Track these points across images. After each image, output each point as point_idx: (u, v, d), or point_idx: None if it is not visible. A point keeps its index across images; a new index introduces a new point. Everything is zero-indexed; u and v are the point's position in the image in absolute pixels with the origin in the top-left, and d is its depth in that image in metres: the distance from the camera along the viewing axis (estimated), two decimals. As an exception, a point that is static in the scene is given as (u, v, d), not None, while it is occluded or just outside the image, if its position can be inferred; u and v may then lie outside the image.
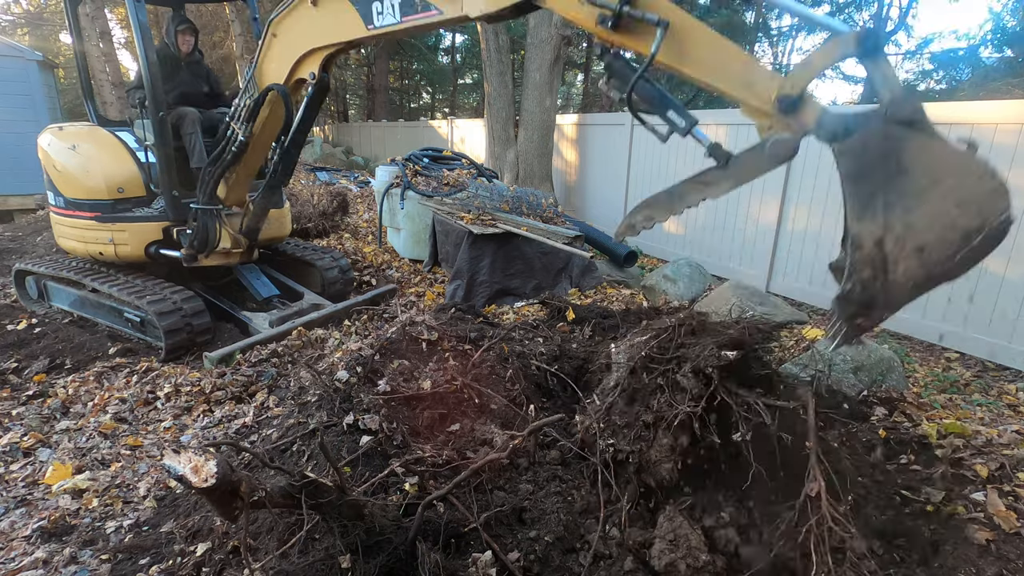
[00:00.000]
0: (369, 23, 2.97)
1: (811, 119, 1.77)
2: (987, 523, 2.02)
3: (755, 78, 1.87)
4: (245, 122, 3.82)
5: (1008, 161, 4.35)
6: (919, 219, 1.58)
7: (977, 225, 1.57)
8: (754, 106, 1.89)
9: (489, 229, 5.51)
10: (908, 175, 1.58)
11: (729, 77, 1.93)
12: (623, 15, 1.99)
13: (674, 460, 2.20)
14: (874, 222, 1.61)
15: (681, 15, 1.99)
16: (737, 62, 1.91)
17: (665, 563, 2.00)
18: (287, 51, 3.49)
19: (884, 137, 1.60)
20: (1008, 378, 4.31)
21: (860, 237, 1.63)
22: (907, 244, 1.60)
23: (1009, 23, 16.91)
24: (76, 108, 17.85)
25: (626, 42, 2.10)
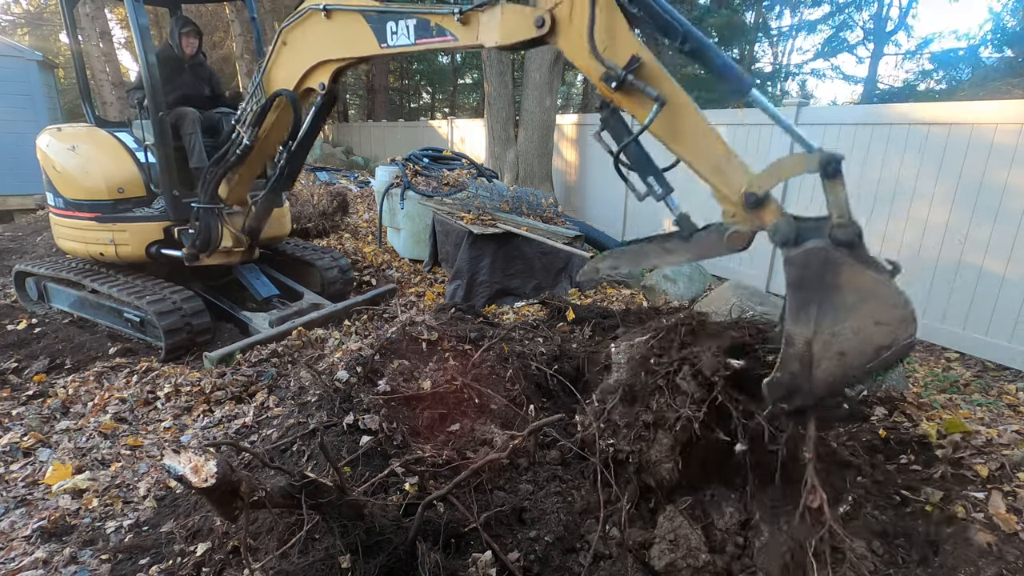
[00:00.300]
0: (383, 41, 2.95)
1: (769, 220, 2.01)
2: (987, 523, 2.02)
3: (729, 170, 2.09)
4: (251, 127, 3.81)
5: (1008, 161, 4.35)
6: (843, 330, 1.88)
7: (888, 343, 1.87)
8: (724, 194, 2.10)
9: (489, 229, 5.51)
10: (840, 292, 1.86)
11: (708, 164, 2.12)
12: (626, 81, 2.11)
13: (674, 460, 2.20)
14: (807, 326, 1.89)
15: (679, 96, 2.13)
16: (717, 153, 2.11)
17: (665, 563, 2.00)
18: (297, 60, 3.46)
19: (825, 257, 1.86)
20: (1008, 378, 4.31)
21: (793, 336, 1.92)
22: (831, 349, 1.90)
23: (1009, 23, 16.91)
24: (76, 108, 17.82)
25: (624, 103, 2.23)
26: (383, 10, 2.91)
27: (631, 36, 2.17)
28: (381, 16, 2.91)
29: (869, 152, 5.30)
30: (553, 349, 3.27)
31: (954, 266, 4.75)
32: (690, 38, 2.10)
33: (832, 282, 1.87)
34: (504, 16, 2.45)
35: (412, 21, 2.80)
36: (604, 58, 2.15)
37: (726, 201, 2.12)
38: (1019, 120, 4.28)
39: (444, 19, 2.67)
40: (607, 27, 2.17)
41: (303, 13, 3.27)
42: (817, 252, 1.87)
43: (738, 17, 19.48)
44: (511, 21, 2.44)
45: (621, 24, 2.17)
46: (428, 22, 2.73)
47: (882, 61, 20.73)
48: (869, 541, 2.04)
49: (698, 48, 2.12)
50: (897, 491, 2.28)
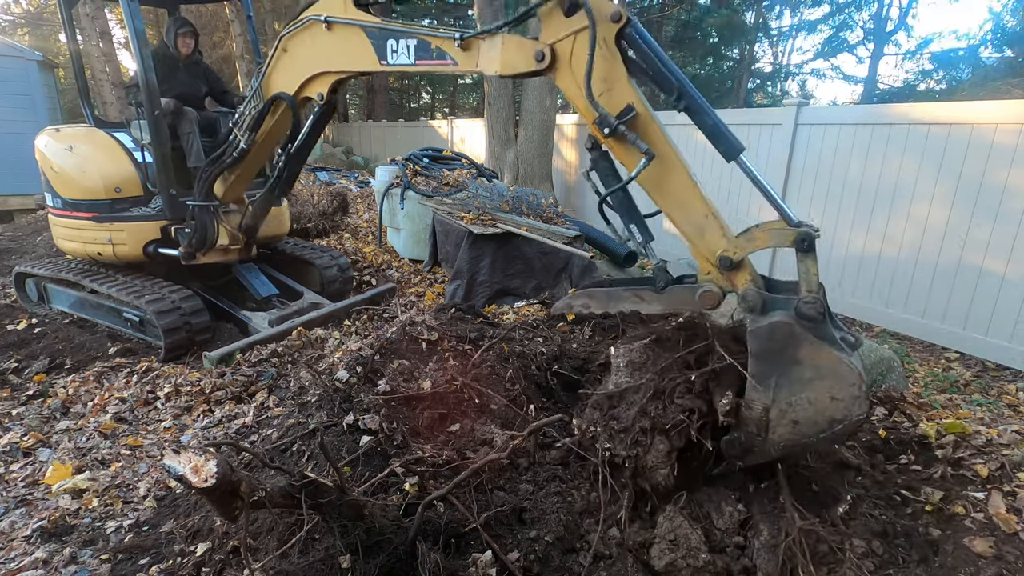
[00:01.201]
0: (383, 58, 2.93)
1: (741, 284, 2.09)
2: (987, 523, 2.02)
3: (709, 231, 2.14)
4: (248, 130, 3.81)
5: (1008, 161, 4.35)
6: (799, 401, 1.97)
7: (841, 417, 1.95)
8: (700, 252, 2.18)
9: (489, 229, 5.51)
10: (799, 366, 1.95)
11: (689, 222, 2.18)
12: (618, 129, 2.13)
13: (670, 466, 2.21)
14: (765, 395, 1.99)
15: (669, 152, 2.16)
16: (700, 212, 2.16)
17: (665, 563, 2.00)
18: (297, 69, 3.44)
19: (788, 332, 1.94)
20: (1008, 378, 4.31)
21: (751, 402, 2.01)
22: (786, 417, 1.99)
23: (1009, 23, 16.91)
24: (76, 108, 17.80)
25: (614, 150, 2.26)
26: (385, 27, 2.88)
27: (629, 85, 2.18)
28: (383, 33, 2.89)
29: (869, 152, 5.30)
30: (553, 349, 3.27)
31: (954, 266, 4.75)
32: (685, 96, 2.13)
33: (793, 356, 1.95)
34: (505, 46, 2.44)
35: (413, 41, 2.77)
36: (598, 104, 2.16)
37: (701, 259, 2.19)
38: (1019, 120, 4.28)
39: (445, 43, 2.65)
40: (605, 73, 2.18)
41: (304, 22, 3.23)
42: (781, 326, 1.95)
43: (738, 17, 19.48)
44: (511, 52, 2.43)
45: (620, 72, 2.17)
46: (429, 44, 2.72)
47: (882, 61, 20.75)
48: (869, 541, 2.04)
49: (692, 106, 2.15)
50: (897, 491, 2.28)
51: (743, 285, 2.07)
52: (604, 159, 2.37)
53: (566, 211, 8.39)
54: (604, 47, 2.14)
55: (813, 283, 1.98)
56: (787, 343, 1.94)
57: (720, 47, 21.06)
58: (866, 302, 5.45)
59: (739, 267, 2.08)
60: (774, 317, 1.97)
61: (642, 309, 2.34)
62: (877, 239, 5.30)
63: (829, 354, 1.92)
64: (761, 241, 2.07)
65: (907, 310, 5.13)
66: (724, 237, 2.10)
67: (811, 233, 1.97)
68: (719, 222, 2.12)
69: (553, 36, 2.28)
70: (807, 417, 1.97)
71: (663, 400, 2.24)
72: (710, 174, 6.60)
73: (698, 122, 2.16)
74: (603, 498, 2.20)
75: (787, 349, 1.94)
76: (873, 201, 5.32)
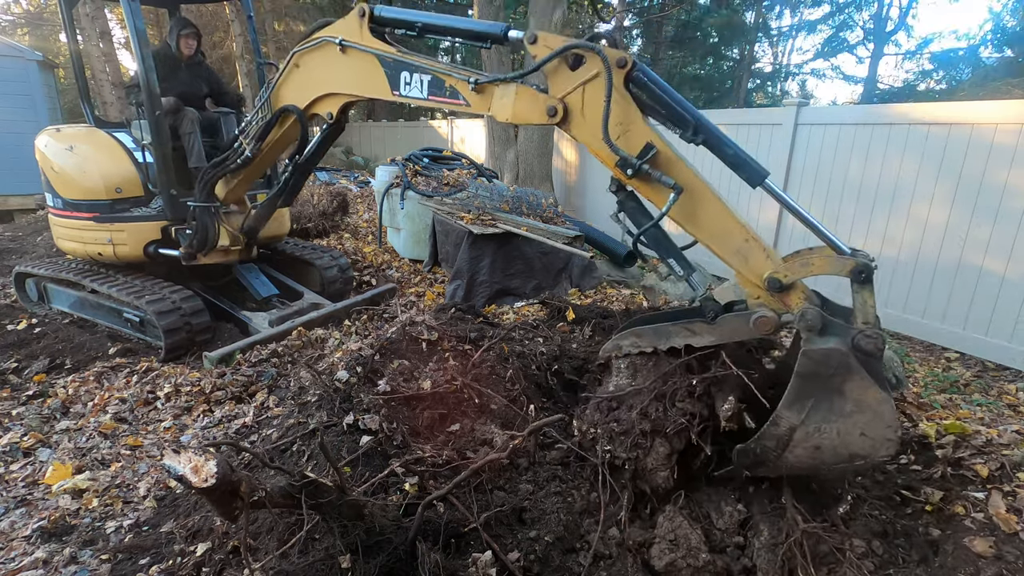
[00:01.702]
0: (395, 89, 2.89)
1: (795, 304, 2.04)
2: (987, 523, 2.02)
3: (752, 255, 2.10)
4: (255, 140, 3.80)
5: (1008, 161, 4.35)
6: (829, 430, 1.95)
7: (865, 454, 1.95)
8: (746, 278, 2.12)
9: (489, 229, 5.51)
10: (841, 397, 1.92)
11: (729, 248, 2.13)
12: (641, 170, 2.10)
13: (670, 468, 2.21)
14: (797, 415, 1.96)
15: (696, 182, 2.12)
16: (739, 237, 2.11)
17: (665, 563, 2.00)
18: (307, 86, 3.41)
19: (842, 362, 1.90)
20: (1008, 378, 4.31)
21: (780, 419, 1.98)
22: (810, 441, 1.97)
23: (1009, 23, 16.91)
24: (76, 108, 17.80)
25: (640, 189, 2.22)
26: (400, 59, 2.83)
27: (644, 125, 2.16)
28: (397, 64, 2.84)
29: (869, 152, 5.30)
30: (553, 349, 3.27)
31: (954, 266, 4.75)
32: (701, 130, 2.11)
33: (838, 385, 1.91)
34: (518, 97, 2.42)
35: (428, 77, 2.74)
36: (617, 147, 2.13)
37: (749, 284, 2.13)
38: (1019, 120, 4.28)
39: (459, 84, 2.62)
40: (620, 117, 2.16)
41: (318, 41, 3.18)
42: (837, 355, 1.90)
43: (738, 17, 19.48)
44: (524, 104, 2.41)
45: (635, 113, 2.16)
46: (444, 82, 2.69)
47: (882, 61, 20.76)
48: (869, 541, 2.04)
49: (710, 140, 2.12)
50: (897, 491, 2.28)
51: (798, 305, 2.03)
52: (631, 199, 2.33)
53: (566, 211, 8.39)
54: (615, 91, 2.12)
55: (871, 315, 1.93)
56: (837, 372, 1.90)
57: (720, 47, 21.07)
58: (866, 302, 5.45)
59: (791, 288, 2.03)
60: (830, 343, 1.91)
61: (695, 343, 2.25)
62: (877, 239, 5.29)
63: (876, 393, 1.89)
64: (817, 268, 2.02)
65: (907, 310, 5.13)
66: (769, 259, 2.06)
67: (869, 265, 1.93)
68: (760, 244, 2.08)
69: (562, 91, 2.27)
70: (831, 446, 1.96)
71: (664, 403, 2.24)
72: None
73: (718, 153, 2.14)
74: (603, 499, 2.20)
75: (835, 377, 1.91)
76: (873, 201, 5.32)
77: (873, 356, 1.89)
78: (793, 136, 5.94)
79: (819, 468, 2.04)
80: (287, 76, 3.51)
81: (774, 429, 1.99)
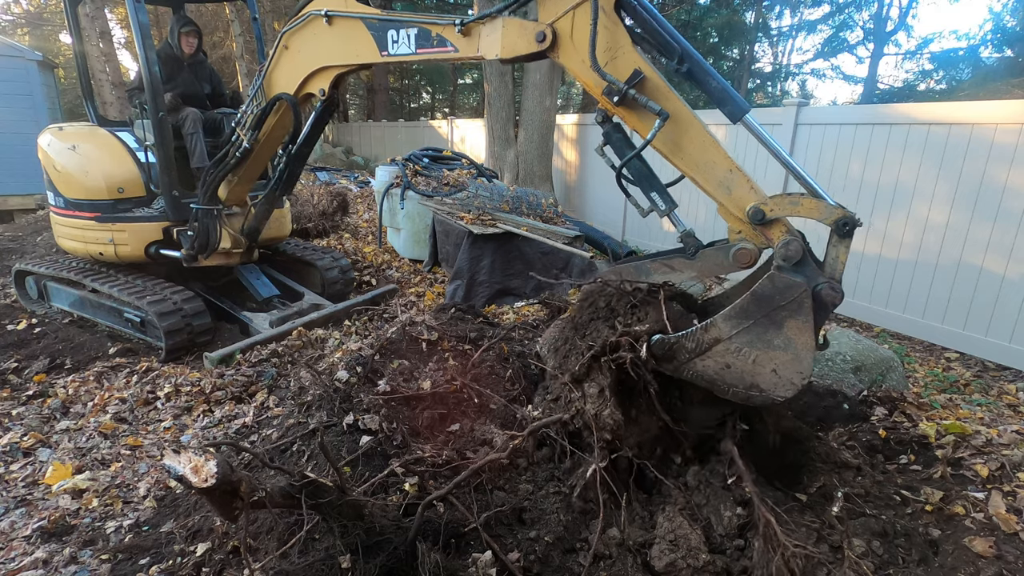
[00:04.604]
0: (383, 49, 2.94)
1: (776, 237, 2.03)
2: (987, 523, 2.02)
3: (735, 185, 2.09)
4: (251, 130, 3.81)
5: (1008, 161, 4.35)
6: (748, 354, 1.98)
7: (765, 389, 2.00)
8: (728, 210, 2.12)
9: (489, 229, 5.51)
10: (779, 330, 1.96)
11: (713, 179, 2.13)
12: (628, 95, 2.10)
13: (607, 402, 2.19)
14: (730, 329, 1.99)
15: (682, 110, 2.12)
16: (723, 167, 2.11)
17: (665, 563, 1.99)
18: (298, 65, 3.45)
19: (799, 300, 1.93)
20: (1008, 378, 4.31)
21: (713, 327, 2.01)
22: (725, 357, 2.01)
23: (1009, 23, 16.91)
24: (76, 108, 17.85)
25: (626, 118, 2.22)
26: (384, 18, 2.90)
27: (633, 51, 2.17)
28: (382, 24, 2.90)
29: (869, 152, 5.30)
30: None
31: (954, 266, 4.75)
32: (687, 59, 2.11)
33: (781, 319, 1.95)
34: (505, 29, 2.44)
35: (413, 30, 2.78)
36: (605, 72, 2.14)
37: (731, 217, 2.13)
38: (1019, 120, 4.28)
39: (445, 29, 2.65)
40: (609, 42, 2.17)
41: (305, 18, 3.25)
42: (798, 290, 1.93)
43: (738, 17, 19.47)
44: (512, 35, 2.43)
45: (623, 39, 2.17)
46: (429, 32, 2.72)
47: (882, 61, 20.75)
48: (869, 541, 2.04)
49: (695, 70, 2.12)
50: (897, 491, 2.28)
51: (779, 236, 2.03)
52: (617, 131, 2.33)
53: (566, 211, 8.39)
54: (604, 16, 2.13)
55: (839, 271, 1.97)
56: (789, 306, 1.93)
57: (720, 47, 21.05)
58: (866, 302, 5.45)
59: (773, 222, 2.03)
60: (798, 278, 1.94)
61: (674, 279, 2.26)
62: (877, 239, 5.29)
63: (809, 340, 1.93)
64: (805, 209, 2.01)
65: (907, 310, 5.12)
66: (753, 191, 2.06)
67: (855, 219, 1.95)
68: (744, 176, 2.08)
69: (552, 15, 2.28)
70: (740, 370, 2.00)
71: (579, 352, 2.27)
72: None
73: (703, 85, 2.14)
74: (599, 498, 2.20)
75: (783, 310, 1.94)
76: (873, 201, 5.32)
77: (826, 308, 1.94)
78: (793, 136, 5.94)
79: (716, 385, 2.06)
80: (278, 59, 3.55)
81: (702, 334, 2.02)
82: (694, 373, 2.07)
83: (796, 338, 1.94)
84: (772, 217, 2.02)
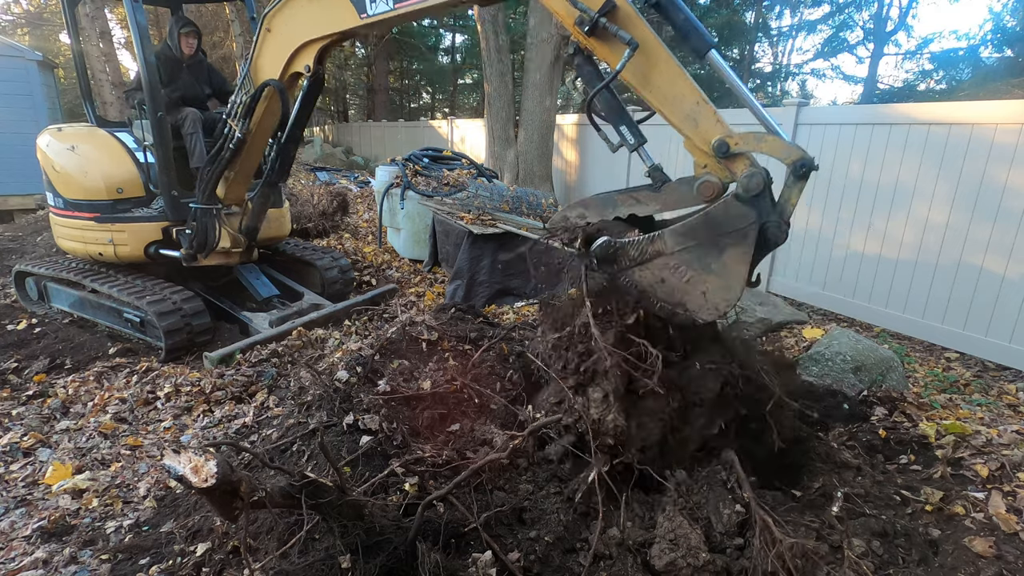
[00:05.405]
0: (362, 12, 2.98)
1: (740, 171, 2.06)
2: (987, 523, 2.02)
3: (702, 117, 2.11)
4: (242, 119, 3.83)
5: (1008, 161, 4.35)
6: (682, 273, 2.05)
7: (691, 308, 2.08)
8: (695, 143, 2.14)
9: (489, 229, 5.51)
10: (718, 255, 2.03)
11: (680, 111, 2.15)
12: (599, 24, 2.11)
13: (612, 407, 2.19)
14: (674, 245, 2.06)
15: (652, 41, 2.13)
16: (690, 99, 2.13)
17: (665, 562, 1.99)
18: (281, 45, 3.50)
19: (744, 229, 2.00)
20: (1008, 378, 4.31)
21: (659, 240, 2.07)
22: (662, 272, 2.09)
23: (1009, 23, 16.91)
24: (76, 108, 17.82)
25: (597, 49, 2.22)
26: None
27: None
28: None
29: (869, 152, 5.30)
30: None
31: (954, 266, 4.75)
32: None
33: (723, 244, 2.01)
34: None
35: None
36: (577, 1, 2.15)
37: (697, 151, 2.15)
38: (1019, 120, 4.28)
39: None
40: None
41: None
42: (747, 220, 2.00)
43: (738, 17, 19.47)
44: None
45: None
46: None
47: (882, 61, 20.76)
48: (869, 541, 2.04)
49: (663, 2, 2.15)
50: (897, 491, 2.28)
51: (743, 169, 2.06)
52: (588, 63, 2.32)
53: (566, 211, 8.38)
54: None
55: (789, 213, 2.03)
56: (735, 234, 2.00)
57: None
58: (866, 302, 5.45)
59: (738, 156, 2.05)
60: (751, 210, 2.00)
61: (639, 211, 2.29)
62: (877, 239, 5.29)
63: (742, 272, 2.01)
64: (768, 146, 2.04)
65: (907, 310, 5.12)
66: (719, 123, 2.08)
67: (813, 162, 1.99)
68: (711, 108, 2.10)
69: None
70: (672, 287, 2.08)
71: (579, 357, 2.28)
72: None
73: (670, 18, 2.16)
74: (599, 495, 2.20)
75: (727, 237, 2.01)
76: (873, 201, 5.32)
77: (769, 245, 2.02)
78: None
79: (645, 296, 2.12)
80: (262, 44, 3.60)
81: (647, 244, 2.08)
82: (627, 282, 2.13)
83: (732, 266, 2.01)
84: (736, 151, 2.05)
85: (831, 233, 5.61)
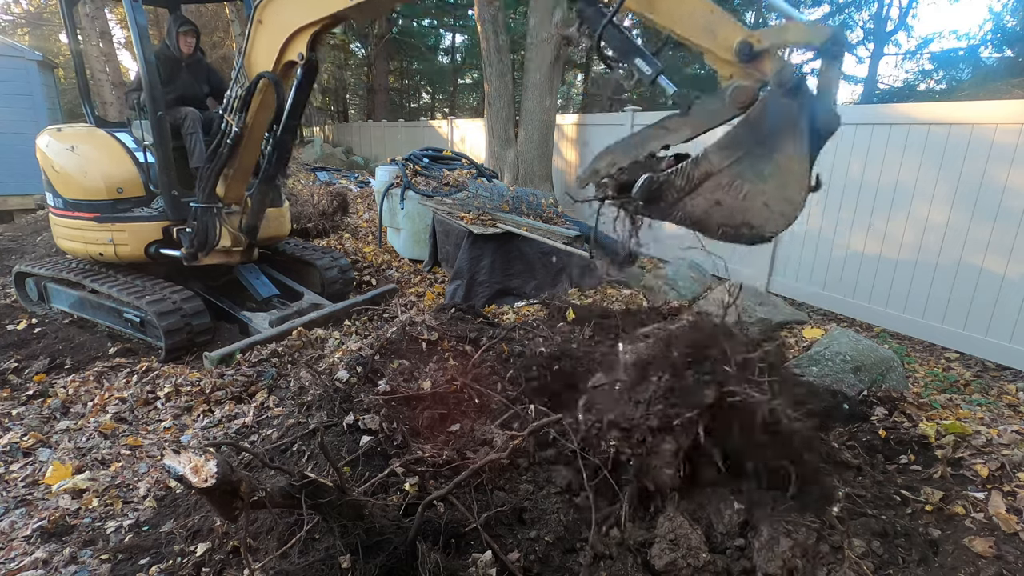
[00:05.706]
0: None
1: (769, 70, 1.90)
2: (987, 523, 2.02)
3: (719, 25, 1.97)
4: (238, 113, 3.84)
5: (1008, 161, 4.35)
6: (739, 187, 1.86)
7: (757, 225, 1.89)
8: (716, 55, 1.99)
9: (489, 229, 5.51)
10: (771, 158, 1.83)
11: (693, 25, 2.01)
12: None
13: (676, 466, 2.19)
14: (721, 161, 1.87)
15: None
16: (702, 11, 1.99)
17: (666, 562, 1.99)
18: (274, 35, 3.53)
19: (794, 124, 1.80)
20: (1008, 378, 4.31)
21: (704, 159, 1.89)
22: (716, 193, 1.89)
23: (1009, 23, 16.91)
24: (76, 108, 17.79)
25: None
26: None
27: None
28: None
29: (869, 152, 5.30)
30: (553, 349, 3.27)
31: (954, 266, 4.75)
32: None
33: (775, 145, 1.83)
34: None
35: None
36: None
37: (720, 61, 2.02)
38: (1019, 120, 4.28)
39: None
40: None
41: None
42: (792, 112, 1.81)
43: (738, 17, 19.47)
44: None
45: None
46: None
47: (882, 61, 20.76)
48: (869, 541, 2.04)
49: None
50: (897, 491, 2.28)
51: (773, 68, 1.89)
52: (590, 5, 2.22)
53: (566, 211, 8.39)
54: None
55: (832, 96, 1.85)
56: (782, 131, 1.82)
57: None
58: (866, 302, 5.45)
59: (763, 54, 1.89)
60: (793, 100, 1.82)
61: (672, 141, 2.09)
62: (877, 239, 5.29)
63: (800, 170, 1.81)
64: (792, 34, 1.88)
65: (907, 310, 5.12)
66: (736, 25, 1.95)
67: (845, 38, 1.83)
68: (725, 13, 1.98)
69: None
70: (730, 207, 1.90)
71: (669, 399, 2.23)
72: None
73: None
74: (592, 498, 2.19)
75: (776, 136, 1.83)
76: (873, 201, 5.32)
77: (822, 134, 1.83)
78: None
79: (704, 226, 1.97)
80: (254, 36, 3.64)
81: (692, 168, 1.92)
82: (682, 215, 1.97)
83: (789, 167, 1.83)
84: (760, 48, 1.89)
85: (831, 233, 5.60)
